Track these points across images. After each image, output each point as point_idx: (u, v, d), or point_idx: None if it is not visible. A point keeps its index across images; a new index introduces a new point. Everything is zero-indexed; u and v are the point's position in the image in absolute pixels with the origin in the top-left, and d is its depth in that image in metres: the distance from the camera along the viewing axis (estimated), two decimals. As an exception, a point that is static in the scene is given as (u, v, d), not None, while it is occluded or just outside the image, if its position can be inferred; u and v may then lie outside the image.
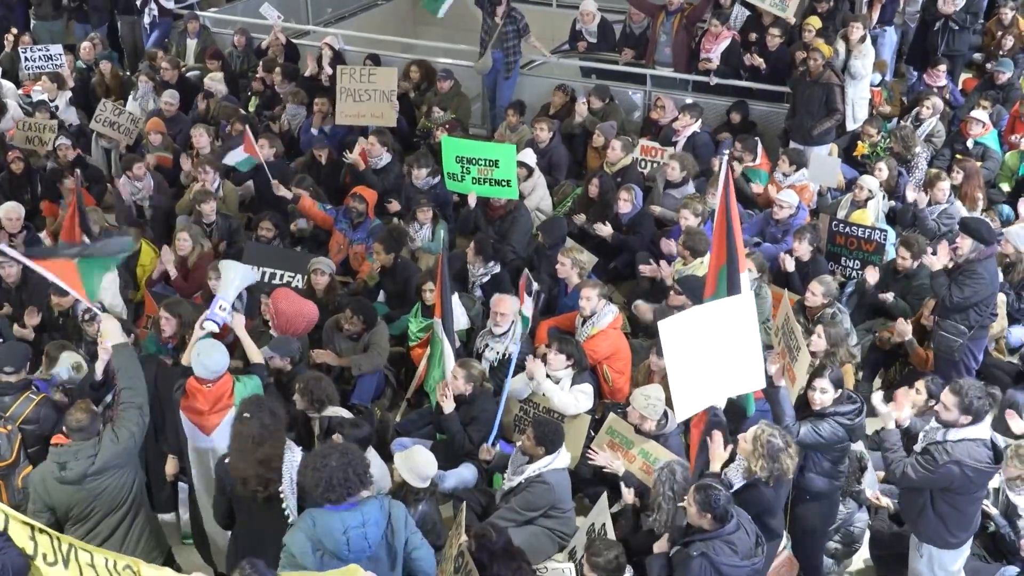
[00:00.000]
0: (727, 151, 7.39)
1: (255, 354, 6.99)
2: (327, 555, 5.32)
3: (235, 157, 10.67)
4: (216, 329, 6.74)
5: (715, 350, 6.18)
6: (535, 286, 8.88)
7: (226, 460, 5.90)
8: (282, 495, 5.77)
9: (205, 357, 6.40)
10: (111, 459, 5.91)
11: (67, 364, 7.34)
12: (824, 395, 6.49)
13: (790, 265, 8.93)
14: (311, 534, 5.32)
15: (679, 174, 10.25)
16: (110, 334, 6.24)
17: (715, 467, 6.23)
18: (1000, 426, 7.24)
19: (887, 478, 6.82)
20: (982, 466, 6.15)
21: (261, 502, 5.80)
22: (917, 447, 6.38)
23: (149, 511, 6.45)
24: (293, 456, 5.81)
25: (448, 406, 7.43)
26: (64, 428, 6.09)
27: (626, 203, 9.78)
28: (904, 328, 8.35)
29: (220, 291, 7.06)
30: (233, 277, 7.12)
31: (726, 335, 6.22)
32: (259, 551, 5.47)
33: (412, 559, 5.70)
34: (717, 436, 6.33)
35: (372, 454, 6.77)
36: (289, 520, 5.77)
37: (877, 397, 6.79)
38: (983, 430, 6.24)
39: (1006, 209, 10.13)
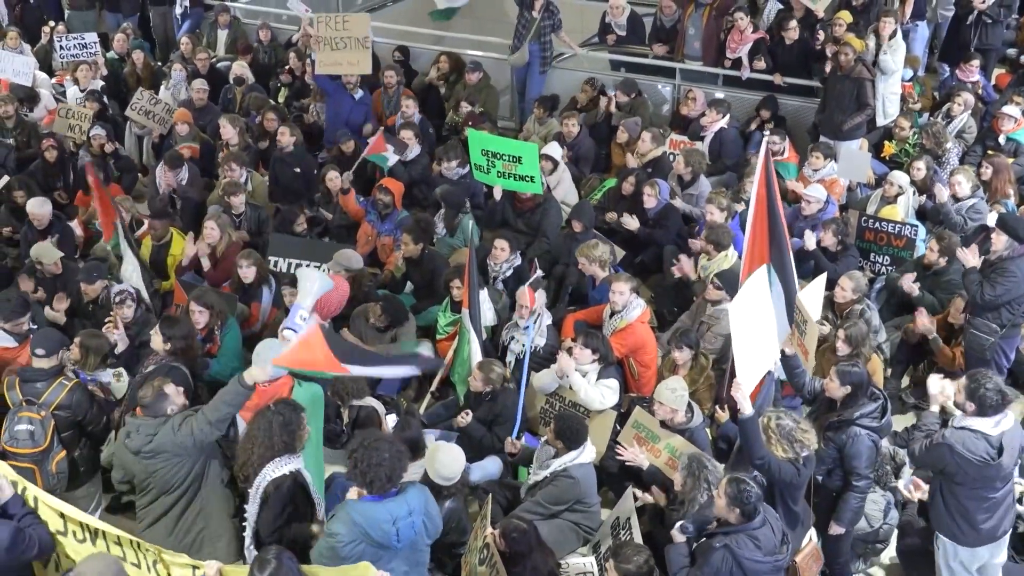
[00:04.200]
0: (767, 140, 7.42)
1: None
2: (371, 546, 5.36)
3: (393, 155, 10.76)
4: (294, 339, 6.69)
5: (759, 325, 6.42)
6: (538, 273, 8.90)
7: None
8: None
9: (265, 357, 6.42)
10: (165, 445, 5.96)
11: (111, 371, 7.44)
12: None
13: (810, 242, 8.95)
14: (354, 527, 5.36)
15: (685, 169, 10.30)
16: (250, 376, 6.05)
17: (745, 406, 6.16)
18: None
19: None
20: (973, 458, 6.06)
21: (243, 490, 5.96)
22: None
23: (224, 508, 6.33)
24: (273, 470, 5.82)
25: (463, 420, 7.49)
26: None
27: (651, 198, 9.78)
28: (924, 321, 8.31)
29: (299, 299, 6.97)
30: (311, 286, 6.96)
31: (763, 312, 6.49)
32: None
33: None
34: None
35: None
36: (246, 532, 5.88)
37: (933, 380, 6.75)
38: (986, 424, 6.13)
39: (1010, 204, 10.02)
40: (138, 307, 8.22)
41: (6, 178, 10.16)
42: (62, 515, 5.72)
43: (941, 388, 6.68)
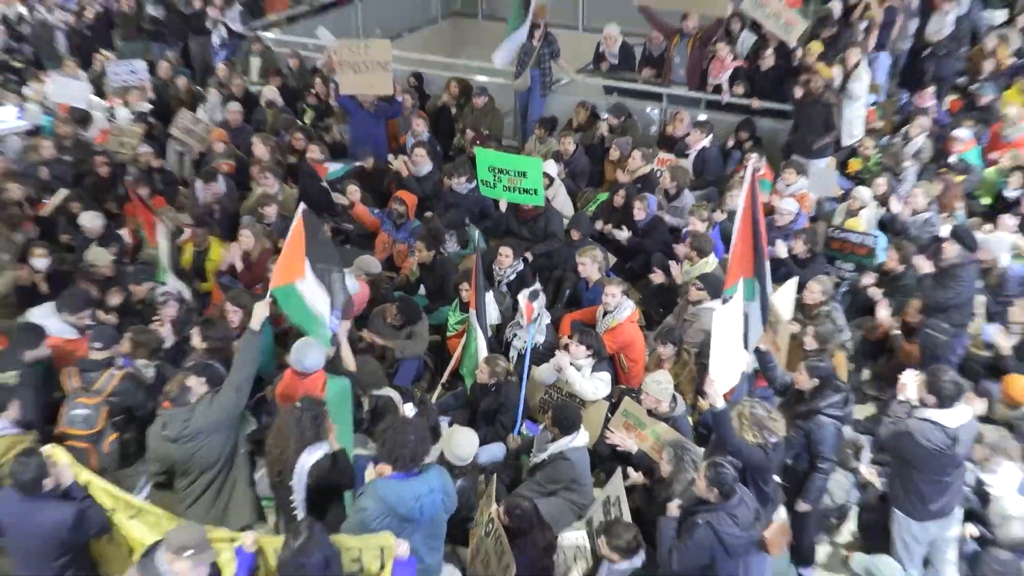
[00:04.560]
0: (752, 163, 7.48)
1: (350, 363, 7.13)
2: (396, 519, 5.41)
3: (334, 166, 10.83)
4: (329, 335, 6.82)
5: (735, 335, 6.46)
6: (536, 285, 8.85)
7: None
8: (293, 489, 5.88)
9: (302, 354, 6.52)
10: (203, 425, 6.02)
11: (139, 362, 7.52)
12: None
13: (782, 251, 9.00)
14: (382, 503, 5.42)
15: (671, 184, 10.33)
16: (255, 319, 6.27)
17: (716, 400, 6.17)
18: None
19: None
20: (931, 447, 6.14)
21: (275, 482, 5.98)
22: None
23: (247, 478, 6.46)
24: (309, 457, 5.86)
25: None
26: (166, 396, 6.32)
27: (640, 211, 9.82)
28: (885, 314, 8.40)
29: (333, 309, 7.10)
30: (340, 289, 7.17)
31: (738, 325, 6.50)
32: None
33: None
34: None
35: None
36: (295, 512, 5.89)
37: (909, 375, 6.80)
38: (945, 416, 6.20)
39: (961, 216, 10.05)
40: (181, 307, 8.29)
41: (64, 192, 10.23)
42: (111, 495, 5.80)
43: (910, 382, 6.74)
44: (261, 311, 6.25)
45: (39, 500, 5.51)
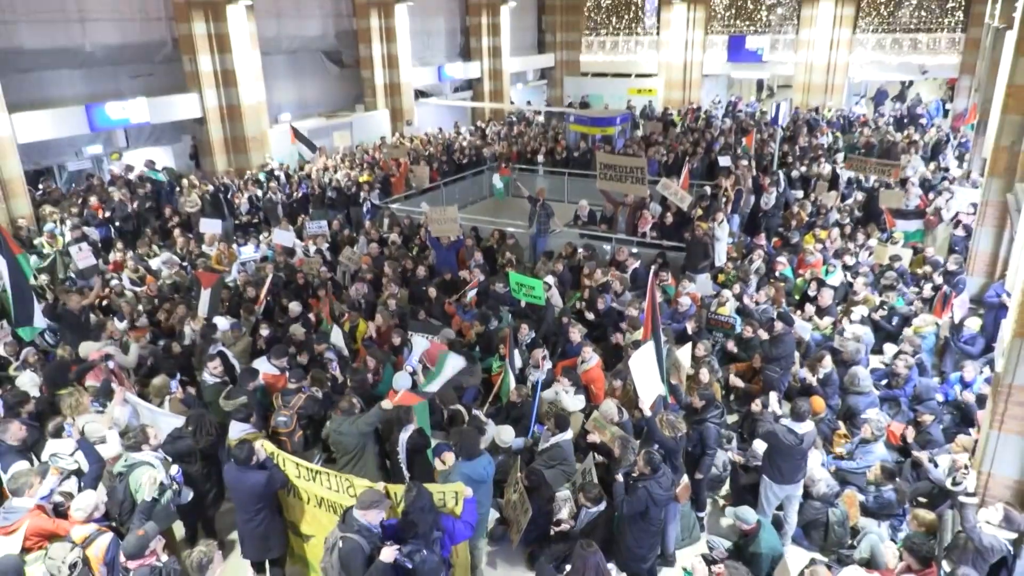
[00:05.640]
0: (652, 272, 7.53)
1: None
2: (472, 482, 5.35)
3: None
4: (411, 371, 6.87)
5: (650, 369, 6.29)
6: (522, 340, 8.74)
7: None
8: (399, 452, 5.83)
9: (400, 380, 6.57)
10: (348, 430, 6.03)
11: (313, 389, 7.45)
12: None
13: (690, 328, 8.90)
14: (464, 475, 5.39)
15: (620, 288, 10.30)
16: (387, 403, 6.10)
17: (647, 411, 6.02)
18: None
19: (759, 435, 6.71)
20: (787, 441, 6.01)
21: (388, 450, 5.98)
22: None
23: (375, 458, 6.36)
24: (404, 432, 5.84)
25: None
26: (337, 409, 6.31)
27: (600, 303, 9.78)
28: (735, 379, 8.29)
29: (411, 356, 7.15)
30: (416, 347, 7.31)
31: (652, 362, 6.34)
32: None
33: None
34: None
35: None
36: (401, 466, 5.83)
37: (773, 399, 6.85)
38: (796, 426, 6.08)
39: (784, 306, 9.90)
40: (340, 359, 8.26)
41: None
42: (297, 465, 5.71)
43: (759, 403, 6.85)
44: (389, 405, 6.06)
45: (248, 469, 5.49)
